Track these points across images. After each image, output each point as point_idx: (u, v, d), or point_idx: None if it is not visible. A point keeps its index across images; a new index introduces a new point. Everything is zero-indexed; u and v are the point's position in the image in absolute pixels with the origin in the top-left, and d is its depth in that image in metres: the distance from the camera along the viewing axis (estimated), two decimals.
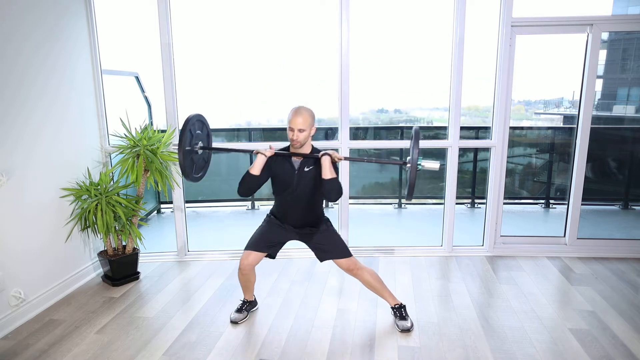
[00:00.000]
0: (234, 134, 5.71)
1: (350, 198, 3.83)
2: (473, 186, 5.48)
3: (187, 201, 4.59)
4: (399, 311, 2.72)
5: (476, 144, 5.00)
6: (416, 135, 2.34)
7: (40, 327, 2.74)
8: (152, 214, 5.22)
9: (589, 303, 2.98)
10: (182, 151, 2.42)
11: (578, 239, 3.84)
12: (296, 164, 2.56)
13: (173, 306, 3.01)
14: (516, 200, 5.50)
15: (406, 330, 2.64)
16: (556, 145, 5.33)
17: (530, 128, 5.46)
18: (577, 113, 3.68)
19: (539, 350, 2.45)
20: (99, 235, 3.26)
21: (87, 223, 3.16)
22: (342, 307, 2.96)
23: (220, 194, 5.59)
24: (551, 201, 5.31)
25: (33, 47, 2.86)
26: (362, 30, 3.80)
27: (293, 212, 2.63)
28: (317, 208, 2.66)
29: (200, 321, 2.81)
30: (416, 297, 3.07)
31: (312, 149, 2.57)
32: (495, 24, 3.54)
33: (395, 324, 2.70)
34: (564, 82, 4.73)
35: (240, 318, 2.79)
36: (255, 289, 3.01)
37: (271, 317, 2.85)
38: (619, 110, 4.88)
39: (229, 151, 2.79)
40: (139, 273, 3.45)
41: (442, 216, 3.89)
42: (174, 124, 3.61)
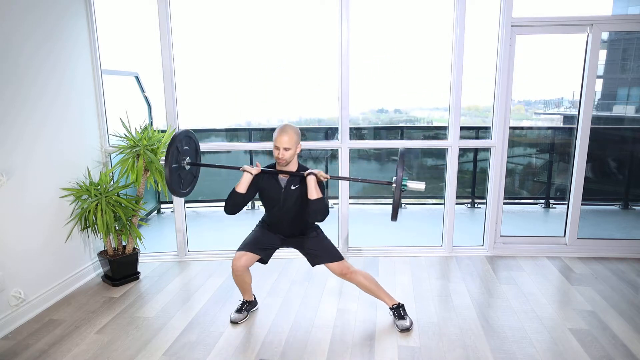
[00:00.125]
0: (234, 134, 5.71)
1: (350, 198, 3.83)
2: (473, 186, 5.48)
3: (187, 201, 4.60)
4: (397, 311, 2.72)
5: (476, 144, 5.00)
6: (401, 156, 2.34)
7: (40, 327, 2.74)
8: (152, 214, 5.22)
9: (589, 303, 2.98)
10: (169, 168, 2.43)
11: (578, 239, 3.84)
12: (283, 182, 2.59)
13: (173, 306, 3.01)
14: (516, 200, 5.50)
15: (405, 329, 2.64)
16: (556, 145, 5.33)
17: (530, 128, 5.46)
18: (577, 113, 3.68)
19: (539, 350, 2.45)
20: (99, 235, 3.26)
21: (87, 223, 3.16)
22: (342, 307, 2.96)
23: (221, 194, 5.58)
24: (551, 201, 5.31)
25: (33, 47, 2.86)
26: (362, 30, 3.80)
27: (282, 225, 2.68)
28: (307, 220, 2.65)
29: (200, 321, 2.81)
30: (416, 297, 3.07)
31: (299, 166, 2.59)
32: (495, 24, 3.54)
33: (395, 324, 2.70)
34: (564, 82, 4.73)
35: (240, 318, 2.79)
36: (255, 288, 3.01)
37: (271, 317, 2.85)
38: (619, 110, 4.88)
39: (216, 167, 2.81)
40: (139, 273, 3.45)
41: (442, 216, 3.89)
42: (174, 124, 3.61)
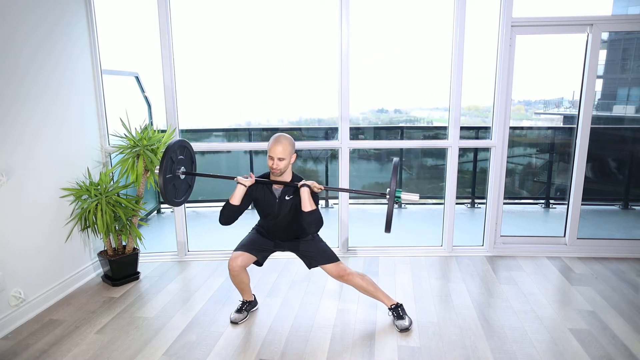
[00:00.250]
0: (234, 134, 5.72)
1: (350, 198, 3.83)
2: (473, 186, 5.48)
3: (187, 201, 4.59)
4: (395, 311, 2.72)
5: (476, 144, 5.00)
6: (395, 168, 2.35)
7: (40, 327, 2.74)
8: (152, 214, 5.22)
9: (589, 303, 2.98)
10: (163, 178, 2.44)
11: (578, 239, 3.84)
12: (277, 192, 2.60)
13: (173, 306, 3.01)
14: (516, 200, 5.50)
15: (405, 329, 2.64)
16: (556, 145, 5.33)
17: (530, 128, 5.46)
18: (577, 113, 3.68)
19: (539, 350, 2.45)
20: (99, 235, 3.26)
21: (87, 223, 3.16)
22: (342, 308, 2.96)
23: (221, 194, 5.59)
24: (551, 201, 5.31)
25: (33, 47, 2.86)
26: (362, 30, 3.80)
27: (277, 232, 2.69)
28: (300, 226, 2.64)
29: (200, 321, 2.81)
30: (416, 297, 3.07)
31: (293, 176, 2.60)
32: (495, 24, 3.54)
33: (394, 324, 2.70)
34: (564, 82, 4.73)
35: (240, 318, 2.79)
36: (255, 289, 3.01)
37: (271, 317, 2.85)
38: (619, 110, 4.88)
39: (210, 177, 2.82)
40: (139, 273, 3.45)
41: (442, 216, 3.89)
42: (174, 124, 3.61)
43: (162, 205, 5.36)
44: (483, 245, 3.90)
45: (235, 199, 2.51)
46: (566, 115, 5.15)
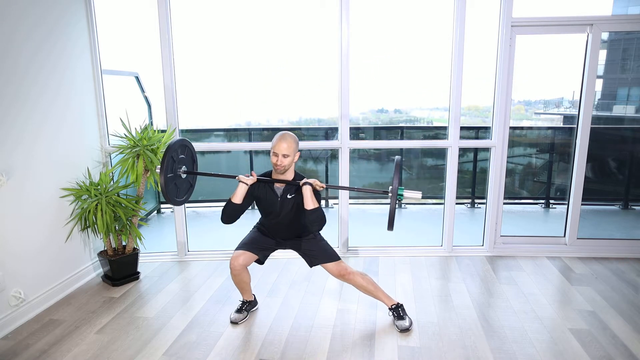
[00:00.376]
0: (234, 134, 5.72)
1: (350, 198, 3.83)
2: (473, 186, 5.48)
3: (187, 201, 4.59)
4: (396, 311, 2.72)
5: (476, 144, 5.00)
6: (397, 166, 2.35)
7: (40, 327, 2.74)
8: (152, 214, 5.22)
9: (589, 303, 2.98)
10: (164, 177, 2.43)
11: (578, 239, 3.84)
12: (279, 190, 2.60)
13: (173, 306, 3.01)
14: (516, 200, 5.50)
15: (405, 329, 2.64)
16: (556, 145, 5.33)
17: (530, 128, 5.46)
18: (577, 113, 3.68)
19: (539, 350, 2.45)
20: (99, 235, 3.26)
21: (87, 223, 3.16)
22: (342, 307, 2.96)
23: (221, 194, 5.59)
24: (551, 201, 5.31)
25: (33, 48, 2.86)
26: (362, 30, 3.80)
27: (279, 230, 2.69)
28: (303, 225, 2.65)
29: (200, 321, 2.81)
30: (416, 297, 3.07)
31: (295, 175, 2.60)
32: (495, 24, 3.54)
33: (394, 324, 2.70)
34: (564, 82, 4.73)
35: (240, 318, 2.79)
36: (255, 289, 3.01)
37: (271, 317, 2.85)
38: (619, 110, 4.88)
39: (212, 176, 2.82)
40: (139, 273, 3.45)
41: (442, 216, 3.89)
42: (174, 124, 3.61)
43: (162, 205, 5.36)
44: (483, 245, 3.90)
45: (237, 198, 2.51)
46: (566, 115, 5.15)
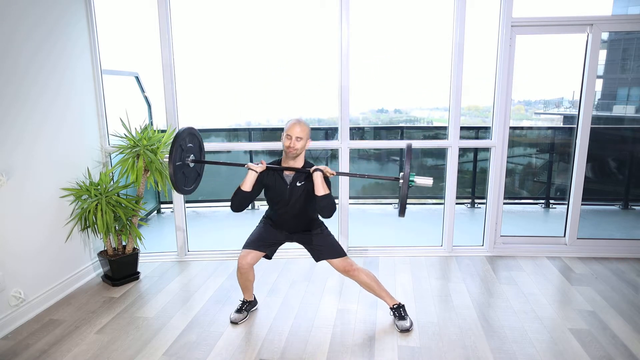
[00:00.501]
0: (234, 134, 5.71)
1: (350, 198, 3.83)
2: (473, 186, 5.48)
3: (187, 201, 4.60)
4: (397, 311, 2.72)
5: (476, 144, 5.00)
6: (409, 151, 2.33)
7: (40, 327, 2.74)
8: (152, 214, 5.22)
9: (589, 303, 2.98)
10: (173, 166, 2.43)
11: (578, 239, 3.84)
12: (288, 178, 2.60)
13: (173, 306, 3.01)
14: (516, 200, 5.50)
15: (405, 330, 2.64)
16: (556, 145, 5.33)
17: (530, 128, 5.46)
18: (577, 113, 3.68)
19: (539, 350, 2.45)
20: (99, 235, 3.26)
21: (87, 223, 3.16)
22: (342, 307, 2.96)
23: (221, 194, 5.59)
24: (551, 201, 5.31)
25: (33, 48, 2.86)
26: (362, 30, 3.80)
27: (287, 221, 2.69)
28: (311, 215, 2.70)
29: (200, 321, 2.81)
30: (416, 297, 3.07)
31: (305, 163, 2.60)
32: (495, 24, 3.54)
33: (395, 325, 2.70)
34: (564, 82, 4.73)
35: (240, 318, 2.79)
36: (255, 288, 3.01)
37: (271, 317, 2.85)
38: (619, 110, 4.88)
39: (220, 164, 2.82)
40: (139, 273, 3.45)
41: (442, 216, 3.89)
42: (174, 124, 3.61)
43: (162, 205, 5.36)
44: (483, 245, 3.90)
45: (247, 185, 2.50)
46: (566, 115, 5.15)
